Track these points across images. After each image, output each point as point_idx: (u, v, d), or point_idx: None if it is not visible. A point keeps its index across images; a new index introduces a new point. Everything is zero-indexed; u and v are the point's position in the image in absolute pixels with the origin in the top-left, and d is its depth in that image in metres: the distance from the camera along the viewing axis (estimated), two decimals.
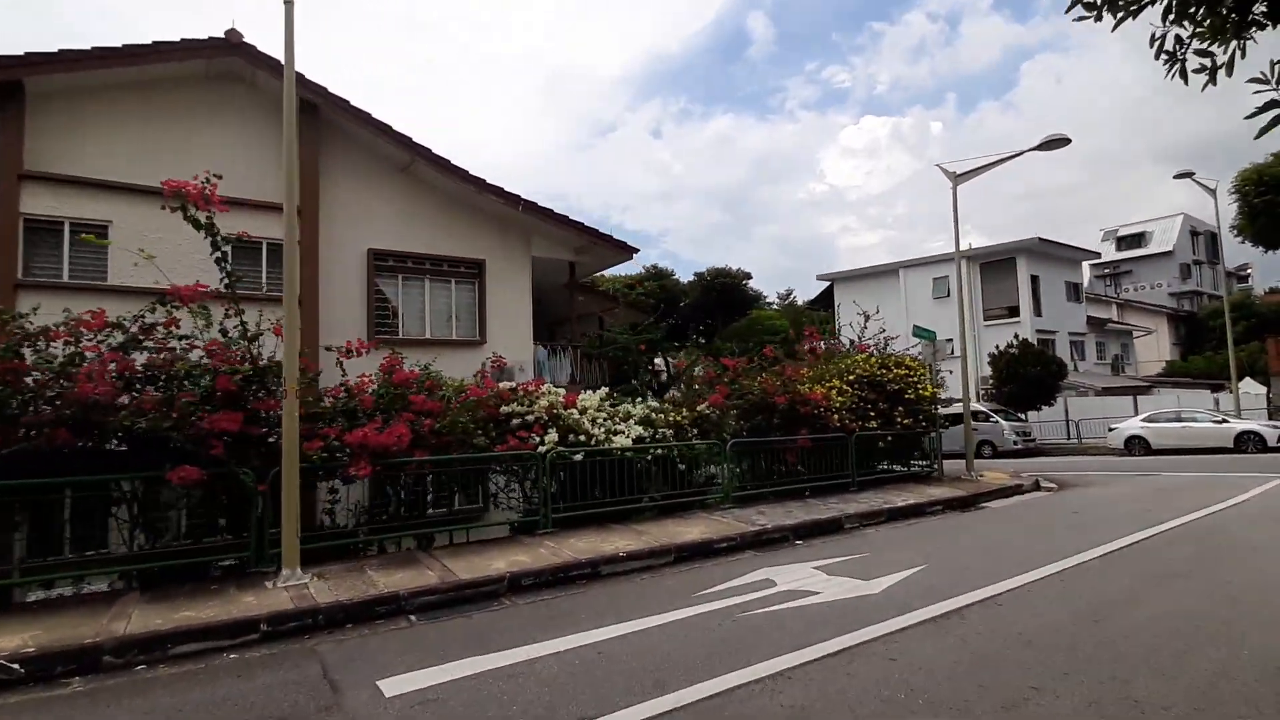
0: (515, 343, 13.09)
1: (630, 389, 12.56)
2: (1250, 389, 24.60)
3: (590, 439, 8.89)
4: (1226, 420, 20.09)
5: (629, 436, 9.15)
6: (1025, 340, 27.53)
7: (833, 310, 37.67)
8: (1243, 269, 57.82)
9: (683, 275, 50.77)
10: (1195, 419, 20.49)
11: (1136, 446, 20.58)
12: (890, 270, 37.14)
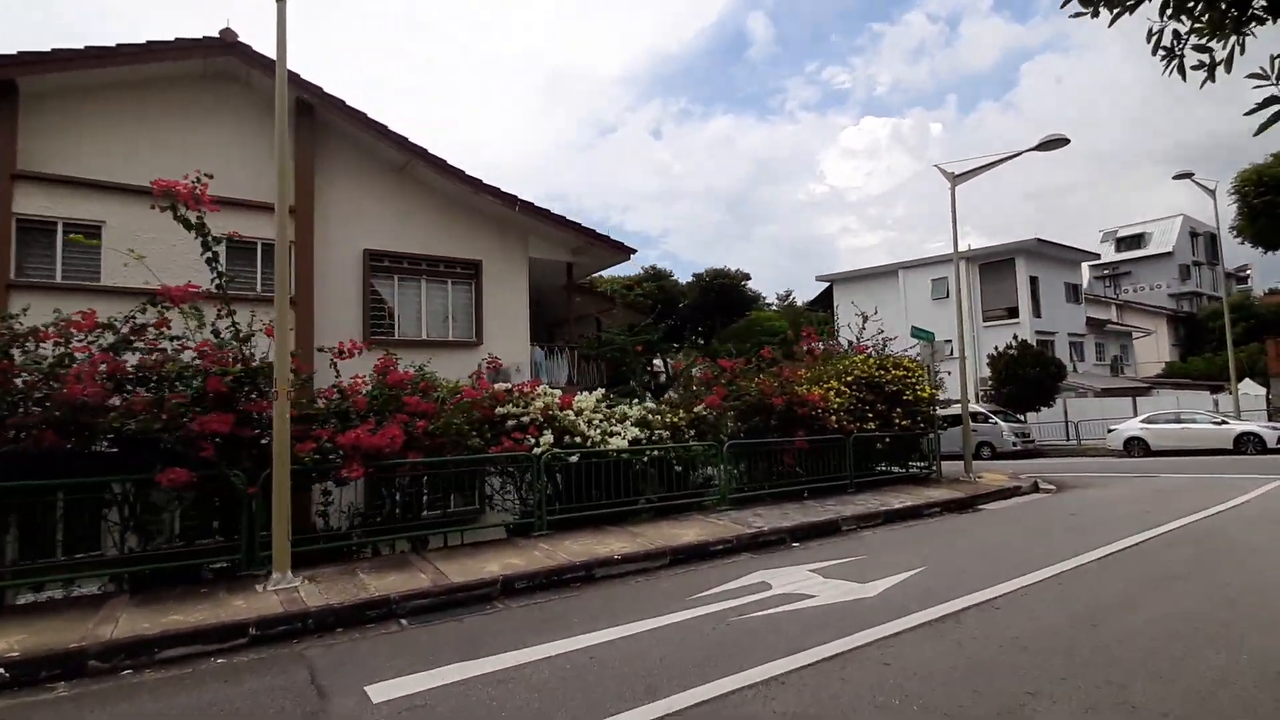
0: (512, 344, 13.04)
1: (628, 390, 12.51)
2: (1250, 390, 24.56)
3: (586, 440, 8.84)
4: (1226, 422, 20.05)
5: (625, 438, 9.10)
6: (1024, 341, 27.49)
7: (832, 311, 37.66)
8: (1242, 270, 57.81)
9: (682, 276, 50.71)
10: (1195, 420, 20.44)
11: (1136, 448, 20.54)
12: (889, 271, 37.12)
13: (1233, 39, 2.73)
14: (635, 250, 14.84)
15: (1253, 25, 2.61)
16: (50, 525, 6.32)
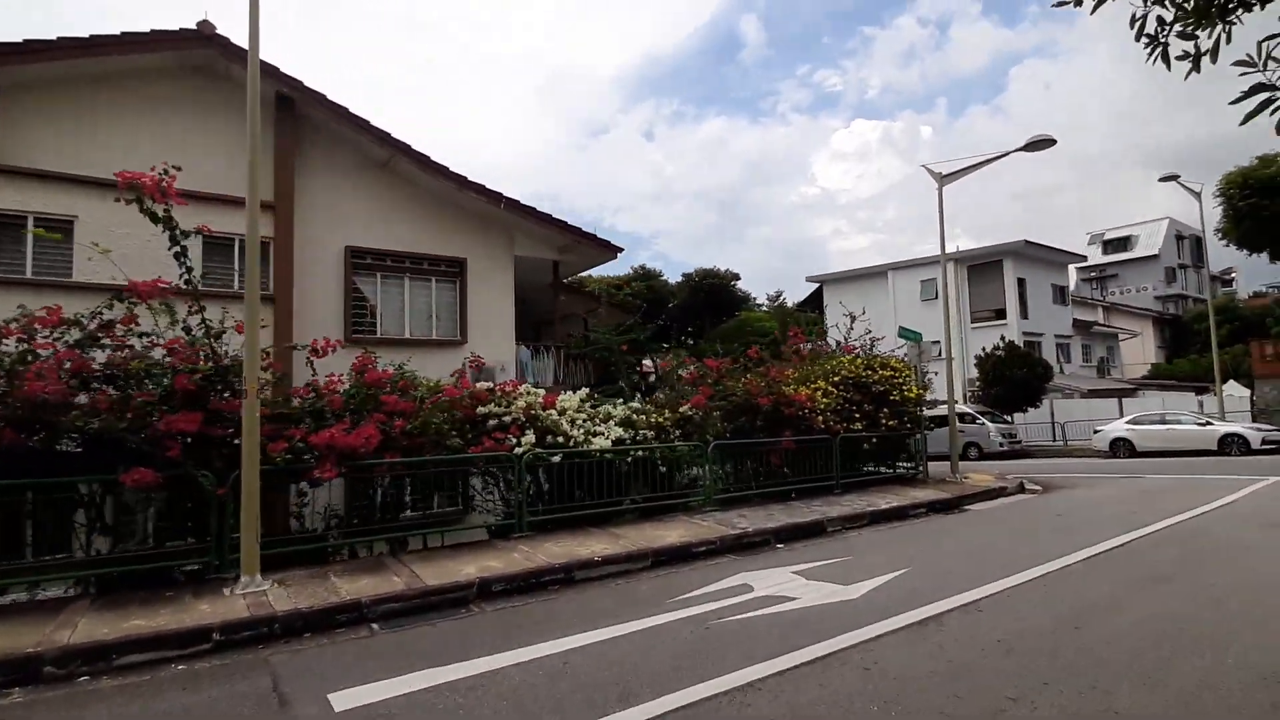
0: (497, 343, 12.89)
1: (614, 390, 12.39)
2: (1234, 392, 24.74)
3: (569, 440, 8.72)
4: (1211, 423, 20.16)
5: (608, 438, 8.98)
6: (1011, 342, 27.58)
7: (822, 312, 37.67)
8: (1227, 273, 58.37)
9: (673, 277, 50.64)
10: (1180, 421, 20.55)
11: (1121, 448, 20.62)
12: (879, 272, 37.19)
13: (1218, 28, 2.65)
14: (622, 249, 14.75)
15: (1239, 12, 2.52)
16: (14, 526, 6.13)
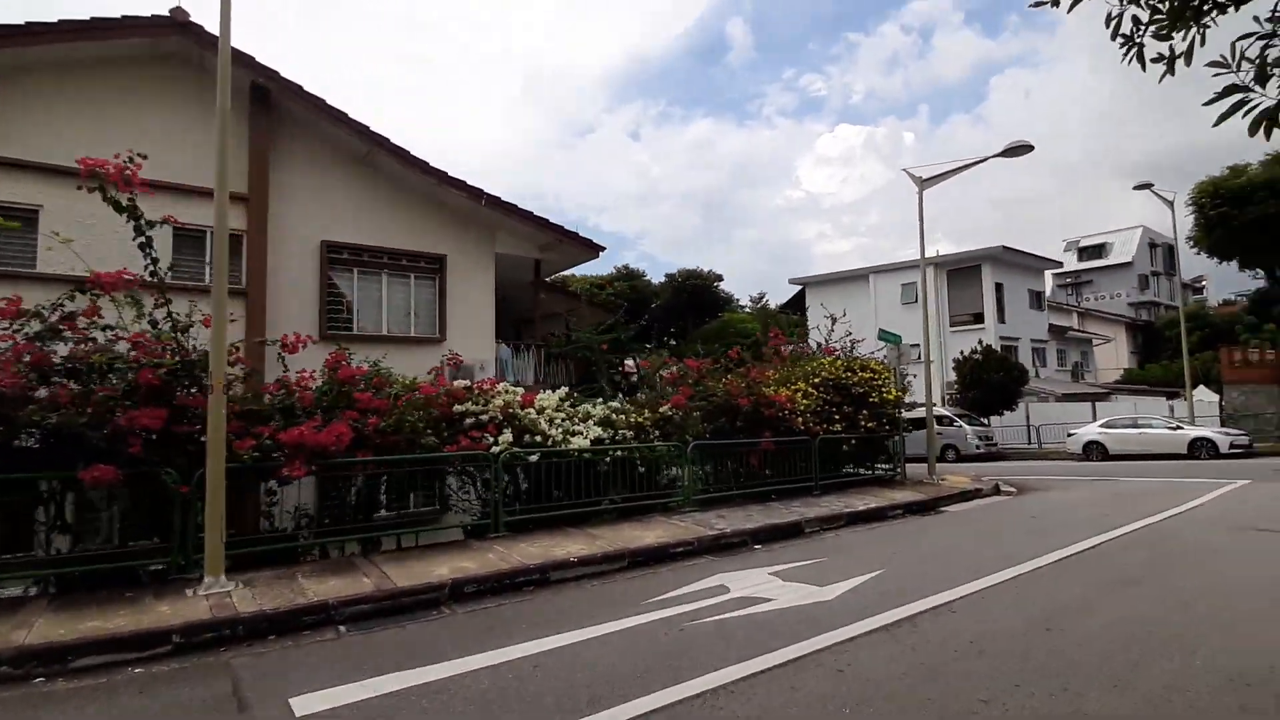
0: (477, 340, 12.75)
1: (594, 390, 12.31)
2: (1204, 397, 25.25)
3: (547, 440, 8.63)
4: (1181, 427, 20.55)
5: (587, 437, 8.90)
6: (989, 346, 27.94)
7: (804, 314, 37.89)
8: (1198, 281, 59.67)
9: (658, 278, 50.66)
10: (1151, 425, 20.92)
11: (1095, 452, 20.94)
12: (861, 275, 37.48)
13: (1193, 30, 2.65)
14: (604, 248, 14.66)
15: (1214, 14, 2.52)
16: None
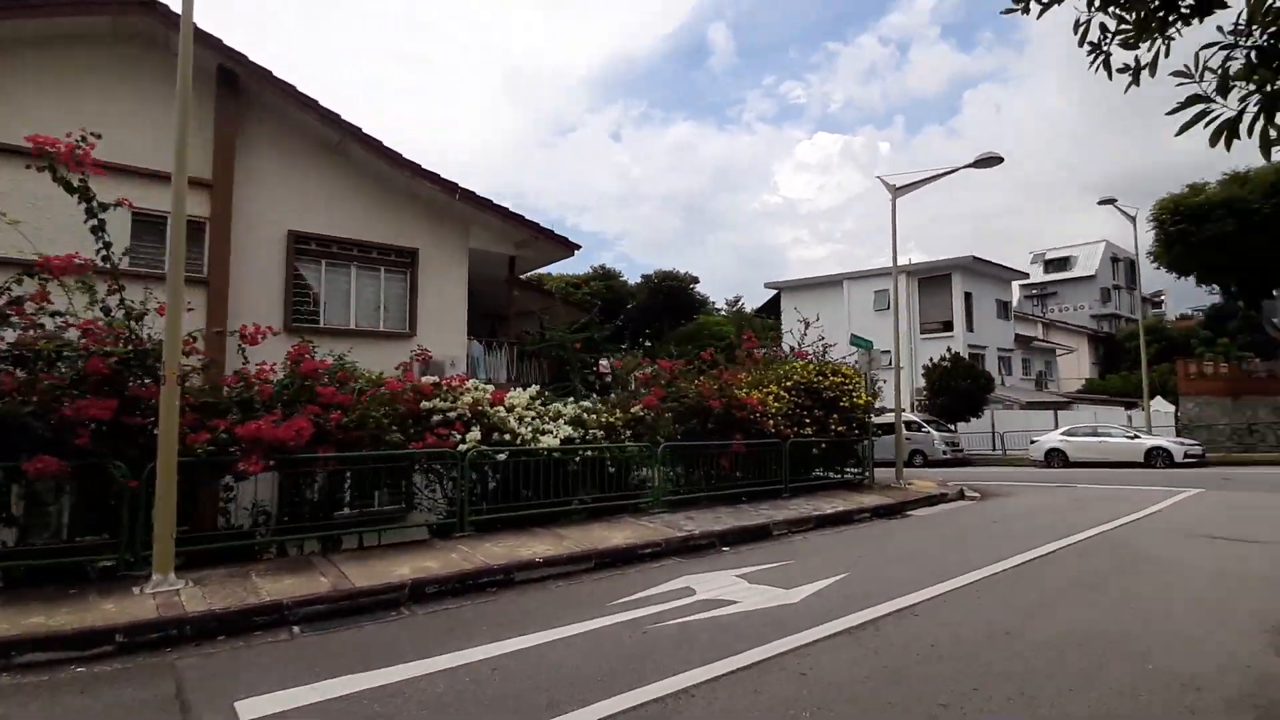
0: (449, 337, 12.55)
1: (567, 389, 12.21)
2: (1161, 407, 26.03)
3: (516, 438, 8.52)
4: (1138, 436, 21.14)
5: (557, 436, 8.81)
6: (957, 354, 28.45)
7: (779, 318, 38.17)
8: (1157, 295, 61.56)
9: (635, 279, 50.60)
10: (1110, 434, 21.48)
11: (1056, 459, 21.43)
12: (835, 281, 37.87)
13: (1158, 41, 2.68)
14: (579, 246, 14.55)
15: (1178, 25, 2.56)
16: None
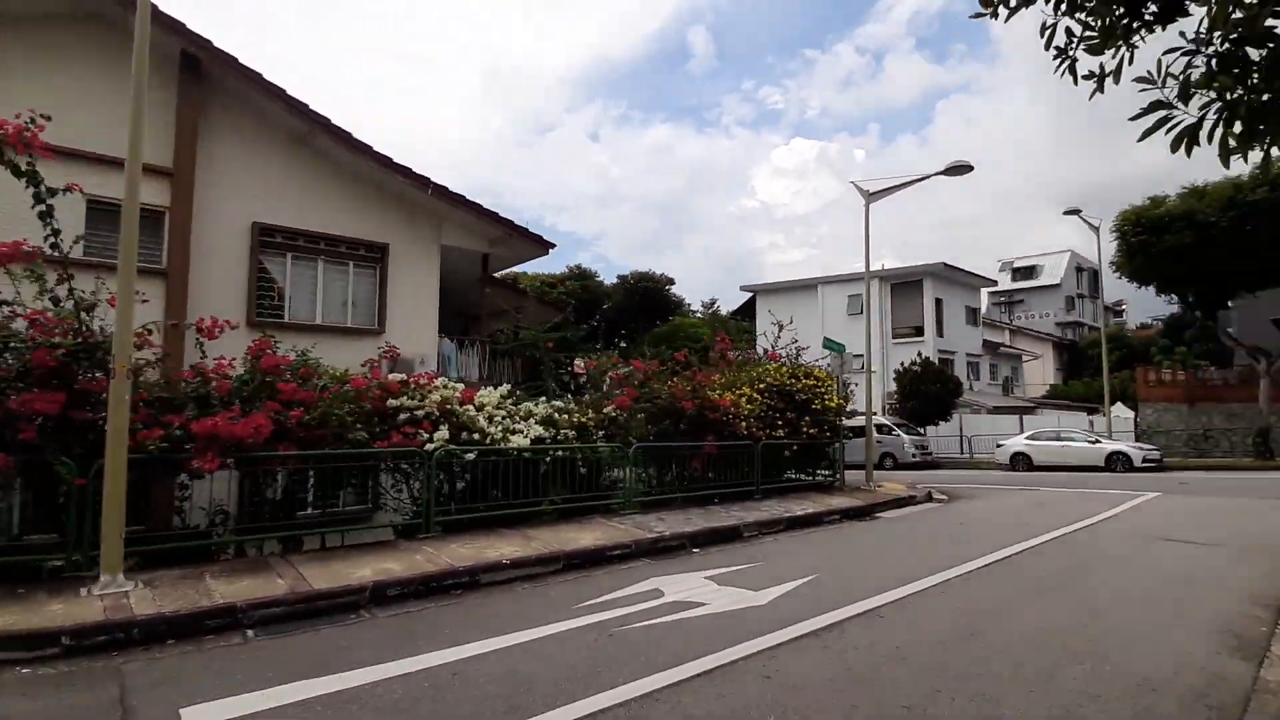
0: (419, 334, 12.35)
1: (539, 388, 12.09)
2: (1121, 413, 26.75)
3: (486, 437, 8.40)
4: (1100, 441, 21.67)
5: (528, 436, 8.71)
6: (928, 359, 28.92)
7: (754, 320, 38.41)
8: (1119, 304, 63.36)
9: (612, 279, 50.52)
10: (1073, 439, 21.98)
11: (1021, 462, 21.87)
12: (810, 285, 38.21)
13: (1122, 49, 2.71)
14: (554, 244, 14.43)
15: (1142, 33, 2.59)
16: None
